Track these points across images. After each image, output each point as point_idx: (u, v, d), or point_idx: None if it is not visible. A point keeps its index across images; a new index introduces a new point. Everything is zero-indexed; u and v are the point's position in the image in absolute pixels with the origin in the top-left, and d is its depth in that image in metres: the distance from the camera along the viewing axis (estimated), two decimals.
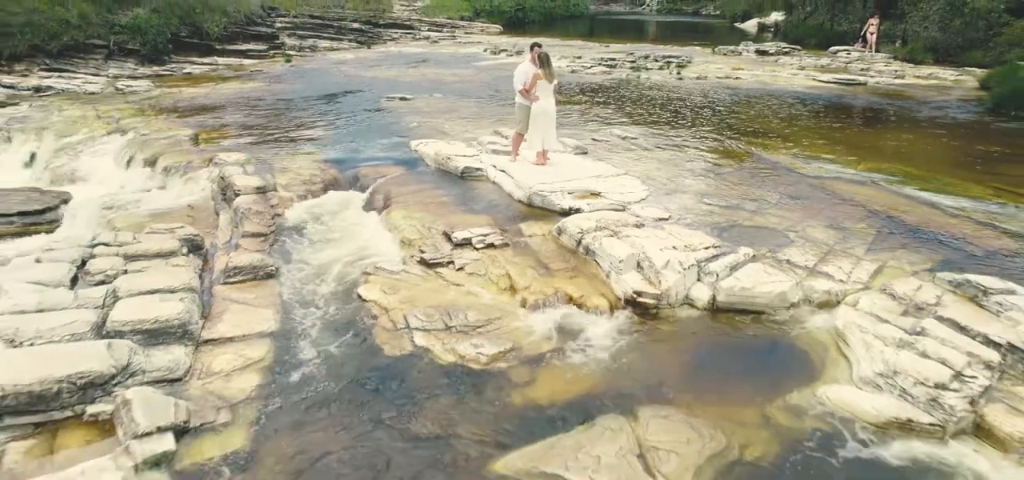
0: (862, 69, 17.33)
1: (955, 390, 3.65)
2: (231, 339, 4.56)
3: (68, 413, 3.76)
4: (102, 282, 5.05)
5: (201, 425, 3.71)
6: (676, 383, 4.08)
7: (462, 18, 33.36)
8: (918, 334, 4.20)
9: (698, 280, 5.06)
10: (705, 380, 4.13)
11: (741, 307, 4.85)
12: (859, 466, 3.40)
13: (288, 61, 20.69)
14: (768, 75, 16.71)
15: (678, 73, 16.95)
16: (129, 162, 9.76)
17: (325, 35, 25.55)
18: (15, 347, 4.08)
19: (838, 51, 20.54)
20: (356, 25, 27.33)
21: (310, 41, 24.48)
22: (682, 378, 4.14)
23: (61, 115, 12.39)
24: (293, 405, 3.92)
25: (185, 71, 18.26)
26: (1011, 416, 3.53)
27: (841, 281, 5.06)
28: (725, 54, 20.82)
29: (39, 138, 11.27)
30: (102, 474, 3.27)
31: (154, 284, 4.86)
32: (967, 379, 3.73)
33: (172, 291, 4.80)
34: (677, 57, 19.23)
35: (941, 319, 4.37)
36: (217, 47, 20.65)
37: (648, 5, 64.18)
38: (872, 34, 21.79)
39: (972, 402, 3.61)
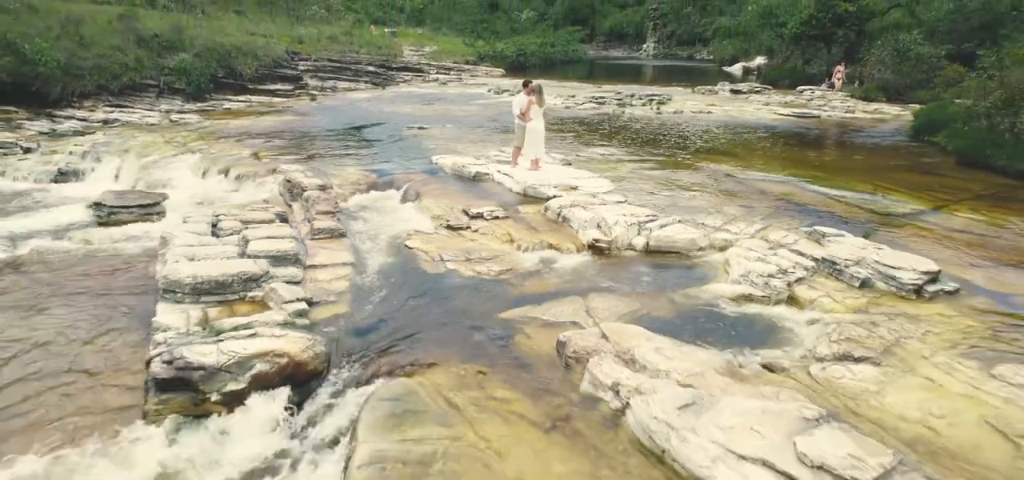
0: (819, 105, 20.09)
1: (779, 278, 6.11)
2: (326, 265, 7.04)
3: (235, 296, 6.20)
4: (232, 234, 7.56)
5: (319, 302, 6.17)
6: (614, 285, 6.52)
7: (467, 62, 36.56)
8: (772, 255, 6.67)
9: (638, 234, 7.54)
10: (634, 284, 6.57)
11: (665, 249, 7.31)
12: (717, 315, 5.81)
13: (313, 99, 23.53)
14: (736, 110, 19.46)
15: (658, 108, 19.71)
16: (205, 173, 12.36)
17: (343, 77, 28.53)
18: (196, 262, 6.55)
19: (804, 90, 23.41)
20: (371, 68, 30.36)
21: (330, 82, 27.43)
22: (619, 283, 6.58)
23: (135, 141, 15.04)
24: (372, 294, 6.37)
25: (224, 107, 21.05)
26: (808, 291, 5.98)
27: (736, 233, 7.55)
28: (703, 93, 23.66)
29: (122, 158, 13.93)
30: (272, 316, 5.71)
31: (269, 234, 7.37)
32: (788, 273, 6.19)
33: (283, 237, 7.30)
34: (659, 95, 22.04)
35: (790, 249, 6.84)
36: (249, 87, 23.51)
37: (645, 50, 67.85)
38: (838, 78, 24.73)
39: (789, 285, 6.07)
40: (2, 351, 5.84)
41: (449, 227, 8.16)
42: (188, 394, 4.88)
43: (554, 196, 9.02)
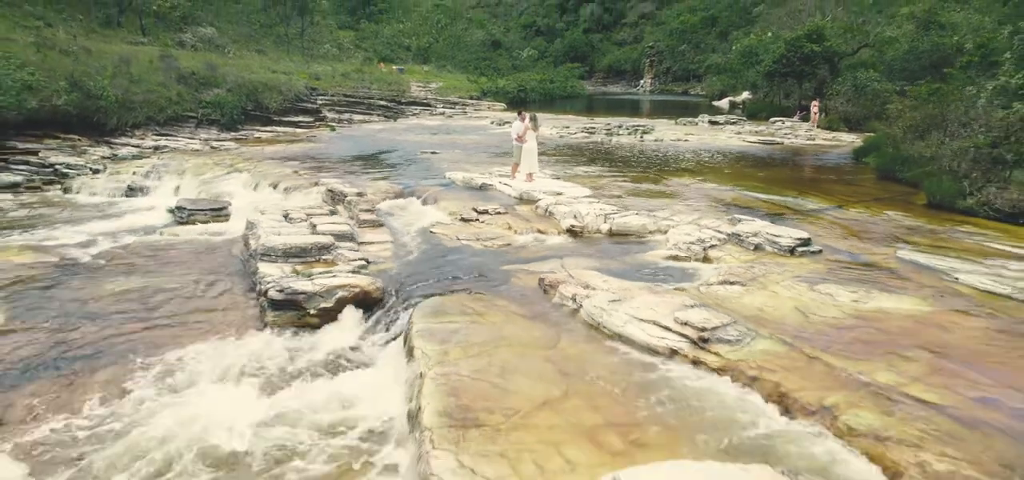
0: (785, 134, 22.95)
1: (698, 245, 8.81)
2: (373, 242, 9.74)
3: (313, 259, 8.89)
4: (301, 221, 10.27)
5: (373, 261, 8.85)
6: (583, 252, 9.19)
7: (471, 97, 39.78)
8: (697, 232, 9.37)
9: (604, 222, 10.25)
10: (597, 252, 9.24)
11: (623, 232, 10.01)
12: (651, 267, 8.47)
13: (332, 130, 26.46)
14: (710, 138, 22.35)
15: (641, 137, 22.59)
16: (256, 186, 15.15)
17: (358, 110, 31.57)
18: (281, 236, 9.25)
19: (775, 121, 26.33)
20: (382, 102, 33.45)
21: (346, 115, 30.44)
22: (586, 251, 9.25)
23: (188, 163, 17.85)
24: (409, 258, 9.06)
25: (255, 136, 23.93)
26: (717, 253, 8.67)
27: (677, 221, 10.25)
28: (684, 124, 26.61)
29: (181, 177, 16.73)
30: (343, 268, 8.38)
31: (330, 221, 10.09)
32: (706, 242, 8.89)
33: (340, 223, 10.03)
34: (643, 126, 24.98)
35: (713, 229, 9.53)
36: (275, 118, 26.45)
37: (642, 86, 71.37)
38: (815, 112, 27.67)
39: (705, 249, 8.76)
40: (153, 296, 8.56)
41: (462, 220, 10.88)
42: (294, 311, 7.56)
43: (543, 198, 11.76)
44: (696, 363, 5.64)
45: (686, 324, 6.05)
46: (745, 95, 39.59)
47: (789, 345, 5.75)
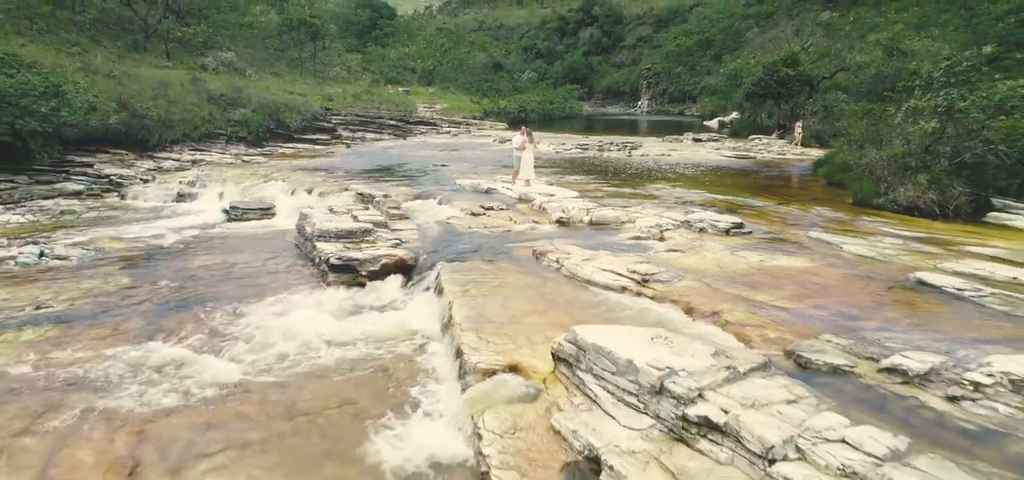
0: (759, 149, 25.79)
1: (657, 228, 11.56)
2: (402, 229, 12.49)
3: (358, 240, 11.63)
4: (344, 213, 13.03)
5: (404, 242, 11.60)
6: (568, 236, 11.93)
7: (474, 117, 42.78)
8: (657, 220, 12.12)
9: (586, 215, 13.00)
10: (580, 236, 11.98)
11: (601, 221, 12.76)
12: (618, 244, 11.19)
13: (348, 147, 29.33)
14: (691, 153, 25.19)
15: (629, 152, 25.44)
16: (293, 192, 17.94)
17: (369, 129, 34.51)
18: (331, 223, 12.00)
19: (753, 138, 29.20)
20: (391, 122, 36.40)
21: (359, 133, 33.37)
22: (571, 235, 11.99)
23: (227, 174, 20.66)
24: (432, 239, 11.80)
25: (279, 152, 26.79)
26: (671, 234, 11.41)
27: (644, 214, 13.00)
28: (669, 142, 29.49)
29: (223, 185, 19.53)
30: (383, 244, 11.12)
31: (367, 213, 12.86)
32: (663, 227, 11.64)
33: (376, 215, 12.79)
34: (632, 142, 27.85)
35: (670, 218, 12.29)
36: (295, 136, 29.37)
37: (640, 107, 74.59)
38: (798, 131, 30.55)
39: (661, 232, 11.51)
40: (233, 268, 11.29)
41: (472, 214, 13.66)
42: (350, 273, 10.29)
43: (538, 198, 14.54)
44: (638, 294, 8.36)
45: (634, 272, 8.78)
46: (734, 115, 42.57)
47: (703, 283, 8.47)
